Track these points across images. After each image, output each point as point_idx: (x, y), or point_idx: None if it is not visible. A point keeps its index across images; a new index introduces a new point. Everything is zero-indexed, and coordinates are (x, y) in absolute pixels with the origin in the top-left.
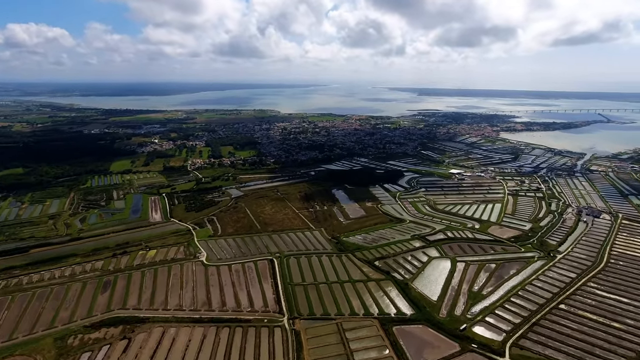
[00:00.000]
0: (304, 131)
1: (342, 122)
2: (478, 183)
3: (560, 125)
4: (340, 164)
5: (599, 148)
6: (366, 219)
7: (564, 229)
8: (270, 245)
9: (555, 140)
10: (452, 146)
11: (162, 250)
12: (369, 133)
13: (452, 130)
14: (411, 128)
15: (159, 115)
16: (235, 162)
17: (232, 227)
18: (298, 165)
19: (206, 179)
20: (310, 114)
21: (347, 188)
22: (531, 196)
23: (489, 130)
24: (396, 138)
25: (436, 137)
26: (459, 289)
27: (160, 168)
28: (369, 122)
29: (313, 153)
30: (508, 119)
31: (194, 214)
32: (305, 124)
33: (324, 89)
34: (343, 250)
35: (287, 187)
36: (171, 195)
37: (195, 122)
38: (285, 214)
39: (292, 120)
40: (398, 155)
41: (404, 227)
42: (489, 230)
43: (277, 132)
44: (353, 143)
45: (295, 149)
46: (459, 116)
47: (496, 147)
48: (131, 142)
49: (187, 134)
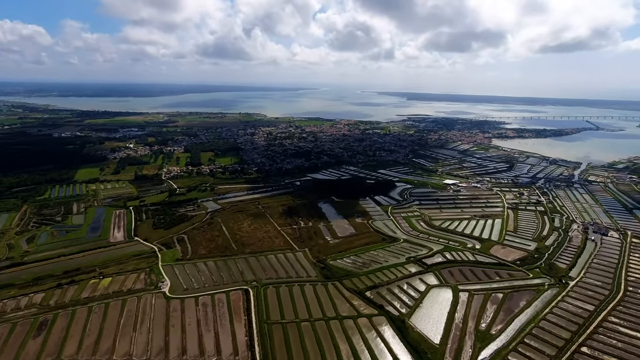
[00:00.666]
0: (290, 136)
1: (330, 127)
2: (475, 195)
3: (551, 133)
4: (327, 173)
5: (593, 157)
6: (356, 237)
7: (571, 249)
8: (247, 271)
9: (548, 148)
10: (444, 154)
11: (118, 278)
12: (358, 139)
13: (444, 136)
14: (401, 134)
15: (138, 118)
16: (214, 170)
17: (204, 247)
18: (282, 174)
19: (181, 189)
20: (297, 118)
21: (334, 201)
22: (532, 210)
23: (480, 136)
24: (386, 145)
25: (427, 143)
26: (464, 326)
27: (132, 177)
28: (358, 127)
29: (299, 161)
30: (498, 126)
31: (162, 232)
32: (292, 128)
33: (313, 92)
34: (329, 277)
35: (269, 200)
36: (139, 208)
37: (177, 125)
38: (265, 232)
39: (279, 125)
40: (389, 163)
41: (398, 247)
42: (491, 251)
43: (262, 138)
44: (341, 150)
45: (280, 156)
46: (449, 122)
47: (490, 155)
48: (103, 147)
49: (166, 138)
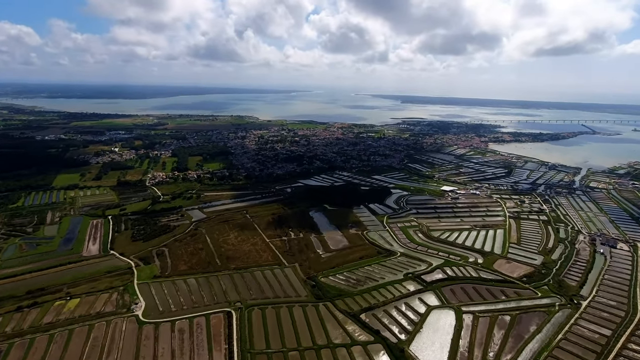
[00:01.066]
0: (282, 140)
1: (324, 131)
2: (474, 203)
3: (547, 137)
4: (320, 179)
5: (592, 162)
6: (349, 250)
7: (580, 263)
8: (231, 289)
9: (546, 153)
10: (440, 158)
11: (87, 299)
12: (352, 143)
13: (439, 140)
14: (396, 138)
15: (127, 120)
16: (202, 176)
17: (186, 262)
18: (273, 180)
19: (165, 196)
20: (290, 121)
21: (327, 210)
22: (535, 219)
23: (477, 140)
24: (381, 149)
25: (423, 148)
26: (470, 356)
27: (114, 183)
28: (352, 130)
29: (290, 166)
30: (494, 129)
31: (141, 245)
32: (284, 131)
33: (307, 94)
34: (321, 297)
35: (258, 208)
36: (118, 218)
37: (166, 128)
38: (252, 244)
39: (271, 128)
40: (384, 168)
41: (395, 262)
42: (495, 266)
43: (253, 141)
44: (335, 154)
45: (271, 161)
46: (444, 125)
47: (487, 159)
48: (87, 150)
49: (154, 142)
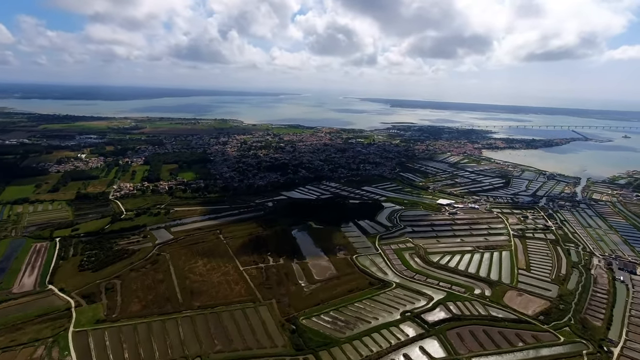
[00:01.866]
0: (267, 146)
1: (311, 136)
2: (474, 219)
3: (541, 143)
4: (305, 191)
5: (591, 171)
6: (337, 281)
7: (600, 295)
8: (191, 339)
9: (542, 161)
10: (434, 167)
11: (2, 357)
12: (340, 149)
13: (431, 146)
14: (386, 144)
15: (102, 123)
16: (174, 187)
17: (140, 300)
18: (253, 192)
19: (129, 212)
20: (276, 125)
21: (312, 228)
22: (541, 239)
23: (470, 147)
24: (371, 156)
25: (415, 155)
26: None
27: (72, 195)
28: (340, 135)
29: (274, 175)
30: (486, 135)
31: (89, 276)
32: (269, 136)
33: (295, 97)
34: (302, 348)
35: (233, 227)
36: (68, 241)
37: (143, 132)
38: (224, 274)
39: (255, 132)
40: (374, 178)
41: (390, 295)
42: (505, 300)
43: (235, 147)
44: (322, 162)
45: (252, 170)
46: (435, 130)
47: (482, 168)
48: (49, 157)
49: (127, 147)
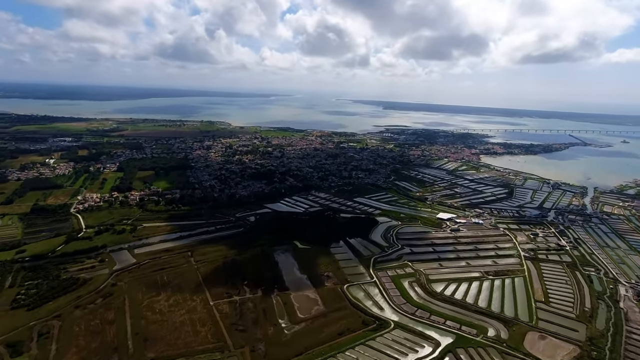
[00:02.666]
0: (253, 150)
1: (301, 140)
2: (479, 237)
3: (540, 148)
4: (292, 203)
5: (596, 180)
6: (324, 320)
7: (636, 336)
8: None
9: (543, 168)
10: (431, 174)
11: None
12: (331, 155)
13: (427, 152)
14: (380, 149)
15: (81, 124)
16: (146, 198)
17: (79, 350)
18: (235, 203)
19: (88, 230)
20: (265, 128)
21: (297, 249)
22: (556, 261)
23: (467, 152)
24: (364, 162)
25: (410, 161)
26: None
27: (27, 209)
28: (331, 139)
29: (258, 185)
30: (482, 139)
31: (23, 316)
32: (256, 140)
33: (287, 99)
34: None
35: (207, 249)
36: (8, 266)
37: (123, 134)
38: (189, 311)
39: (242, 135)
40: (367, 188)
41: (388, 340)
42: (526, 344)
43: (219, 152)
44: (311, 169)
45: (235, 178)
46: (430, 134)
47: (482, 176)
48: (12, 162)
49: (102, 151)
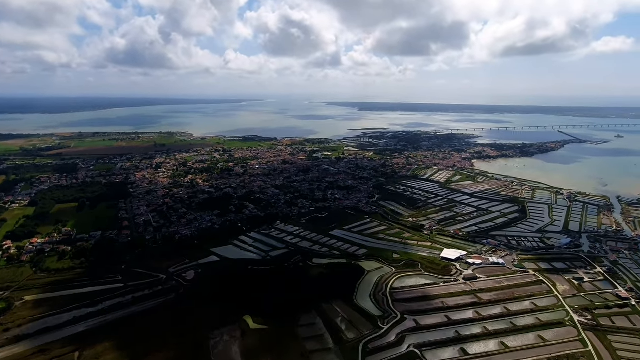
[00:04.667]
0: (211, 167)
1: (268, 150)
2: (505, 290)
3: (534, 149)
4: (250, 243)
5: (614, 187)
6: None
7: None
8: None
9: (546, 174)
10: (422, 189)
11: None
12: (302, 169)
13: (412, 158)
14: (359, 158)
15: (18, 142)
16: (48, 249)
17: None
18: (172, 250)
19: None
20: (229, 138)
21: (248, 331)
22: (628, 330)
23: (457, 158)
24: (341, 177)
25: (395, 172)
26: None
27: None
28: (303, 148)
29: (208, 217)
30: (469, 140)
31: None
32: (217, 154)
33: (259, 104)
34: None
35: (107, 345)
36: None
37: (62, 152)
38: None
39: (202, 149)
40: (347, 214)
41: None
42: None
43: (170, 171)
44: (278, 190)
45: (181, 208)
46: (412, 138)
47: (482, 188)
48: None
49: (24, 177)
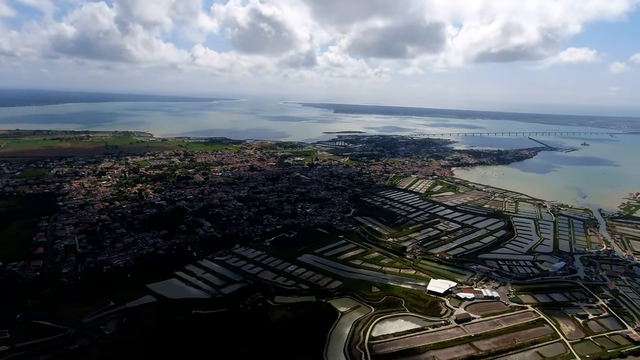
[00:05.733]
0: (167, 174)
1: (235, 155)
2: (504, 335)
3: (510, 156)
4: (200, 273)
5: (593, 198)
6: None
7: None
8: None
9: (525, 184)
10: (401, 201)
11: None
12: (271, 177)
13: (390, 165)
14: (333, 165)
15: None
16: None
17: None
18: (96, 288)
19: None
20: (193, 140)
21: None
22: None
23: (436, 165)
24: (314, 187)
25: (373, 181)
26: None
27: None
28: (274, 152)
29: (151, 240)
30: (446, 147)
31: None
32: (177, 158)
33: (231, 103)
34: None
35: None
36: None
37: None
38: None
39: (161, 151)
40: (318, 233)
41: None
42: None
43: (115, 179)
44: (241, 203)
45: (119, 228)
46: (388, 142)
47: (464, 200)
48: None
49: None
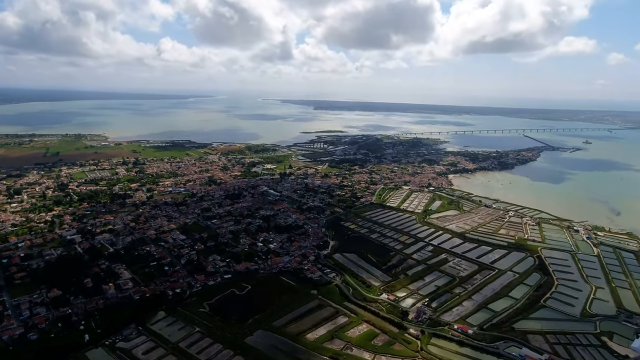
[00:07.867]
0: (101, 191)
1: (195, 163)
2: None
3: (513, 159)
4: None
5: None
6: None
7: None
8: None
9: (539, 197)
10: (394, 227)
11: None
12: (232, 193)
13: (376, 173)
14: (309, 175)
15: None
16: None
17: None
18: None
19: None
20: (152, 143)
21: None
22: None
23: (431, 172)
24: (283, 208)
25: (357, 197)
26: None
27: None
28: (242, 158)
29: (26, 312)
30: (437, 147)
31: None
32: (124, 167)
33: (207, 100)
34: None
35: None
36: None
37: None
38: None
39: (107, 160)
40: (282, 286)
41: None
42: None
43: (31, 200)
44: (184, 236)
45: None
46: (373, 143)
47: (474, 224)
48: None
49: None
